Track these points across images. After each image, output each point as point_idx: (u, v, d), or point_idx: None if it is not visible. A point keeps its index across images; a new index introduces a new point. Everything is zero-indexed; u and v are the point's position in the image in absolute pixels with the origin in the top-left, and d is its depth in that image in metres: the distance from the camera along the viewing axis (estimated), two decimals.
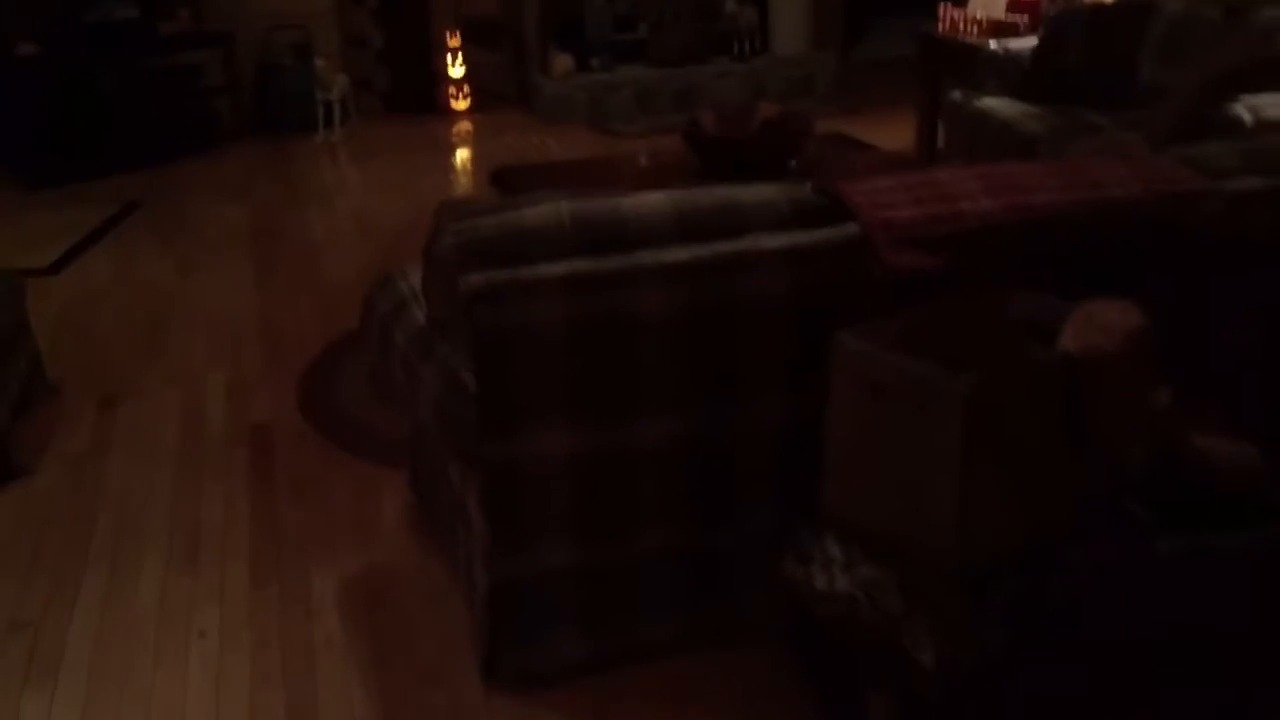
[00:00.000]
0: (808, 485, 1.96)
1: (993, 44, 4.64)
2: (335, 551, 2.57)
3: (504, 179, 3.59)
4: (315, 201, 5.41)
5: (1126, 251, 2.02)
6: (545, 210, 1.91)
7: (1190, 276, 2.05)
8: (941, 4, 5.13)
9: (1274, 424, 2.18)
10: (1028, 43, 4.57)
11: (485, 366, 1.87)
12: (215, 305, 4.13)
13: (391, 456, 2.89)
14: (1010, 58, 4.55)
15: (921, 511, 1.76)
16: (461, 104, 6.96)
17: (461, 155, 6.45)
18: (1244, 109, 3.43)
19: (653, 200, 1.95)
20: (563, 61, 6.73)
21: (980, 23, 4.94)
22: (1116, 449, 1.83)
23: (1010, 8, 4.95)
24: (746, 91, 6.95)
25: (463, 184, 5.82)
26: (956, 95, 4.62)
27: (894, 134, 5.93)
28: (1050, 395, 1.74)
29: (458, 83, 6.95)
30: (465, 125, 6.83)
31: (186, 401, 3.37)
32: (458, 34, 6.92)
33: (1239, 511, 1.89)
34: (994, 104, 4.41)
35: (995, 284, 1.94)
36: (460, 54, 6.92)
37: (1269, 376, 2.18)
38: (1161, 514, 1.84)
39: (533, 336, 1.85)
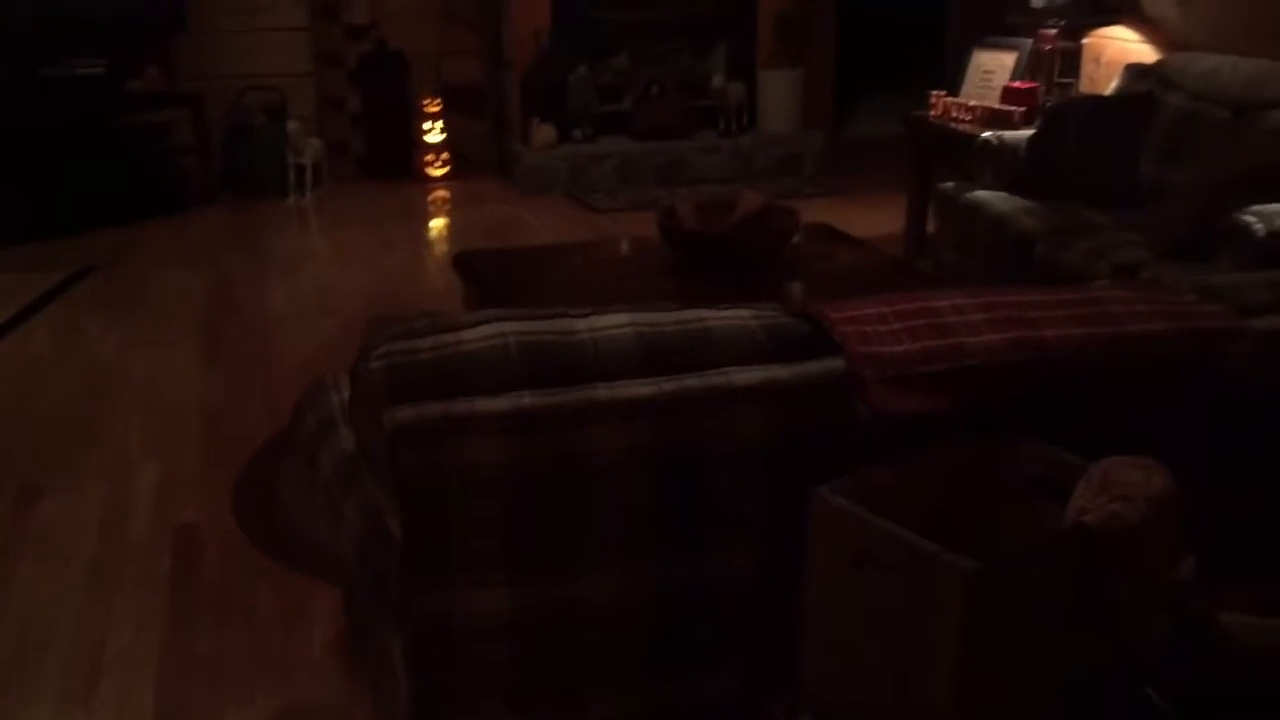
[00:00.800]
0: (782, 653, 1.72)
1: (987, 134, 4.47)
2: (254, 687, 2.30)
3: (468, 265, 3.36)
4: (278, 271, 5.18)
5: (1146, 397, 1.80)
6: (488, 334, 1.67)
7: (1217, 426, 1.82)
8: (935, 92, 4.97)
9: None
10: (1023, 134, 4.40)
11: (412, 512, 1.62)
12: (159, 386, 3.87)
13: (330, 571, 2.63)
14: (1005, 149, 4.37)
15: (912, 700, 1.51)
16: (438, 171, 6.77)
17: (435, 225, 6.24)
18: (1254, 218, 3.24)
19: (612, 324, 1.72)
20: (544, 131, 6.55)
21: (974, 111, 4.78)
22: (1135, 629, 1.59)
23: (1004, 98, 4.79)
24: (733, 168, 6.78)
25: (434, 257, 5.60)
26: (949, 186, 4.43)
27: (883, 219, 5.75)
28: (1064, 573, 1.51)
29: (435, 149, 6.76)
30: (441, 193, 6.64)
31: (113, 497, 3.10)
32: (438, 100, 6.74)
33: (1273, 700, 1.66)
34: (987, 197, 4.22)
35: (999, 432, 1.71)
36: (439, 120, 6.74)
37: None
38: (1184, 704, 1.60)
39: (469, 480, 1.60)
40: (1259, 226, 3.21)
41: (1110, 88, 4.49)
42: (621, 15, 6.77)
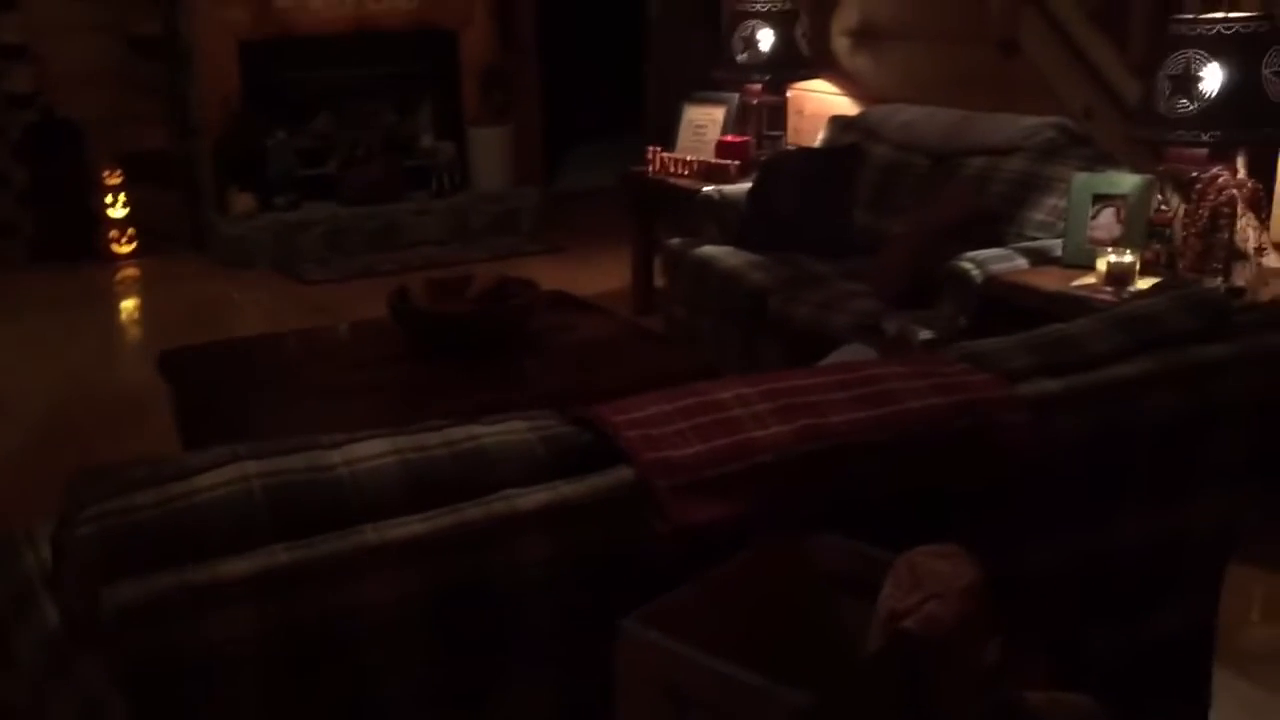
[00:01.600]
0: None
1: (708, 189, 4.50)
2: None
3: (174, 366, 3.01)
4: None
5: (935, 475, 1.76)
6: (225, 479, 1.42)
7: (998, 499, 1.80)
8: (650, 146, 4.97)
9: (1108, 662, 1.96)
10: (742, 188, 4.45)
11: (143, 706, 1.34)
12: None
13: None
14: (726, 203, 4.41)
15: None
16: (125, 248, 6.22)
17: (127, 309, 5.72)
18: (970, 264, 3.37)
19: (372, 453, 1.50)
20: (243, 200, 6.14)
21: (690, 165, 4.81)
22: None
23: (719, 152, 4.85)
24: (448, 229, 6.59)
25: (129, 347, 5.10)
26: (676, 242, 4.42)
27: (606, 275, 5.72)
28: (894, 688, 1.41)
29: (120, 224, 6.21)
30: (131, 272, 6.10)
31: None
32: (118, 170, 6.20)
33: None
34: (715, 252, 4.24)
35: (798, 530, 1.61)
36: (122, 192, 6.19)
37: (1091, 604, 1.96)
38: None
39: (214, 660, 1.35)
40: (976, 273, 3.34)
41: (818, 139, 4.62)
42: (318, 75, 6.47)
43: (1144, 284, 3.06)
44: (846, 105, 4.84)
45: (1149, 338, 2.01)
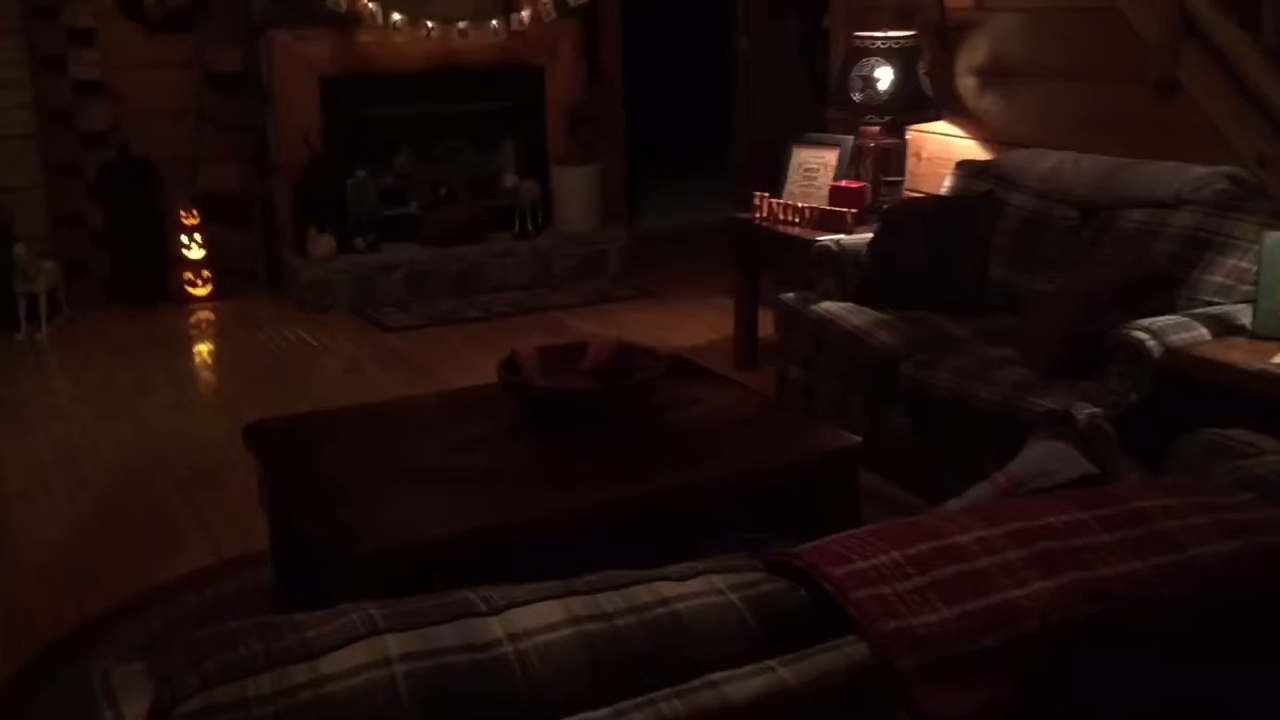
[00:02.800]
0: None
1: (824, 239, 4.16)
2: None
3: (262, 440, 2.72)
4: (8, 430, 4.31)
5: (1227, 644, 1.40)
6: (362, 661, 1.11)
7: None
8: (758, 192, 4.65)
9: None
10: (862, 239, 4.11)
11: None
12: None
13: None
14: (846, 255, 4.07)
15: None
16: (201, 290, 6.00)
17: (201, 355, 5.48)
18: (1145, 335, 2.99)
19: (543, 624, 1.18)
20: (322, 242, 5.90)
21: (803, 213, 4.47)
22: None
23: (833, 198, 4.52)
24: (532, 272, 6.30)
25: (204, 400, 4.85)
26: (790, 297, 4.08)
27: (703, 323, 5.41)
28: None
29: (196, 266, 6.00)
30: (206, 315, 5.88)
31: None
32: (194, 210, 6.00)
33: None
34: (837, 310, 3.89)
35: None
36: (198, 233, 5.99)
37: None
38: None
39: None
40: (1153, 344, 2.96)
41: (943, 186, 4.27)
42: (400, 112, 6.24)
43: None
44: (972, 149, 4.49)
45: None
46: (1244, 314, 3.10)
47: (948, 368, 3.38)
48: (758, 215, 4.61)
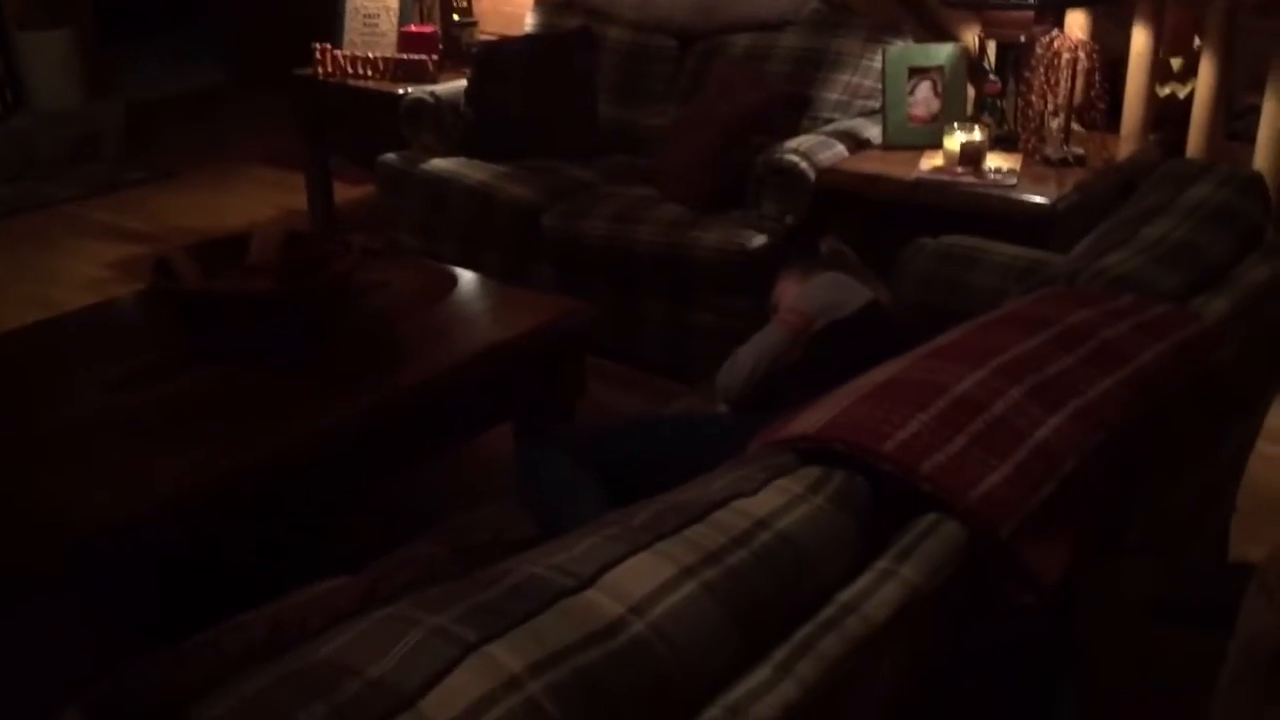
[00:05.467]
0: None
1: (413, 90, 3.80)
2: None
3: None
4: None
5: (1175, 436, 1.43)
6: (485, 693, 0.80)
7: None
8: (318, 43, 4.14)
9: None
10: (455, 87, 3.81)
11: None
12: None
13: None
14: (444, 106, 3.75)
15: None
16: None
17: None
18: (797, 157, 3.04)
19: (659, 583, 0.92)
20: None
21: (375, 64, 4.06)
22: None
23: (403, 45, 4.13)
24: (12, 163, 5.25)
25: None
26: (393, 159, 3.71)
27: (255, 200, 4.83)
28: None
29: None
30: None
31: None
32: None
33: None
34: (449, 166, 3.60)
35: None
36: None
37: None
38: None
39: None
40: (805, 166, 3.02)
41: (528, 25, 4.05)
42: None
43: (998, 161, 2.90)
44: None
45: (1241, 229, 1.79)
46: (867, 127, 3.25)
47: (598, 214, 3.25)
48: (321, 71, 4.12)
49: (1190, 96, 3.12)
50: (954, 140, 2.88)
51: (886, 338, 2.01)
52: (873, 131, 3.22)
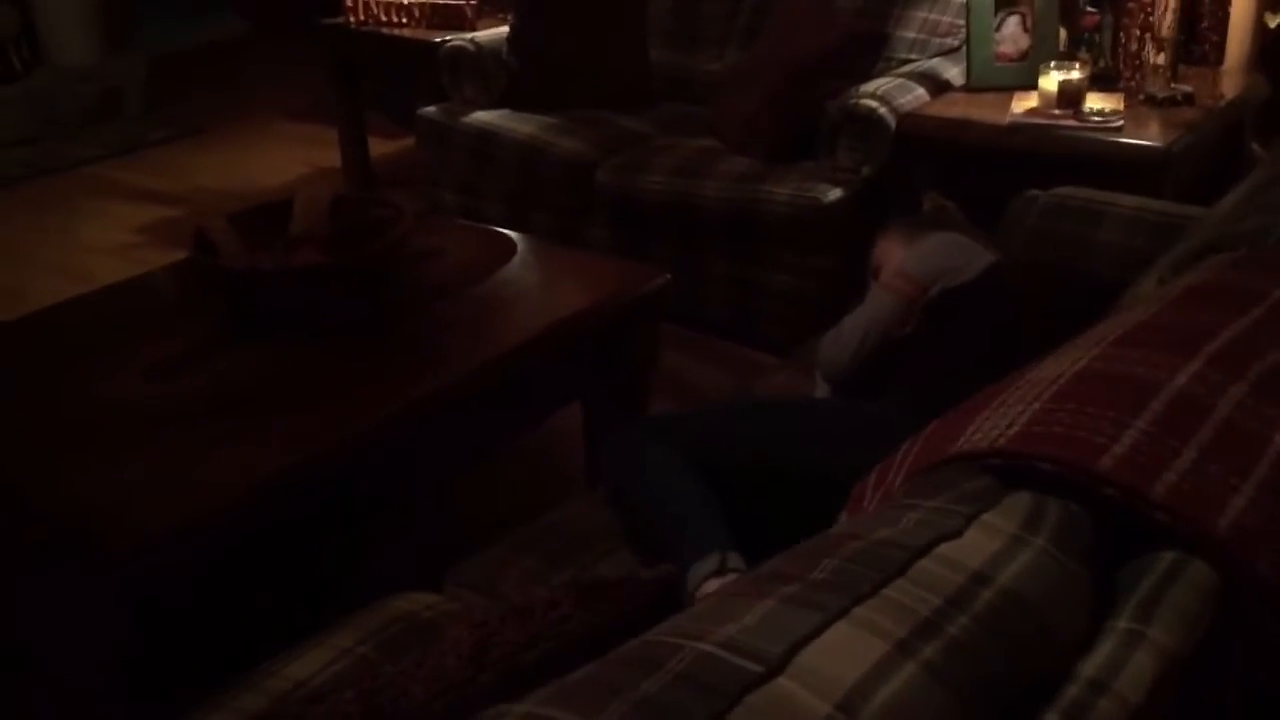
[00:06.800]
0: None
1: (457, 39, 3.57)
2: None
3: None
4: None
5: None
6: None
7: None
8: None
9: None
10: (497, 34, 3.57)
11: None
12: None
13: None
14: (485, 55, 3.52)
15: None
16: None
17: None
18: (875, 102, 2.80)
19: (868, 667, 0.72)
20: None
21: (411, 11, 3.82)
22: None
23: None
24: (31, 123, 5.06)
25: None
26: (434, 112, 3.49)
27: (288, 158, 4.62)
28: None
29: None
30: None
31: None
32: None
33: None
34: (493, 119, 3.38)
35: None
36: None
37: None
38: None
39: None
40: (884, 112, 2.78)
41: None
42: None
43: (1098, 102, 2.65)
44: None
45: None
46: (947, 68, 3.00)
47: (657, 168, 3.02)
48: (353, 19, 3.88)
49: None
50: (1051, 80, 2.63)
51: (1011, 307, 1.80)
52: (953, 72, 2.98)
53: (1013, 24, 2.86)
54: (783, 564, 0.86)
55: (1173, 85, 2.67)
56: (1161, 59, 2.68)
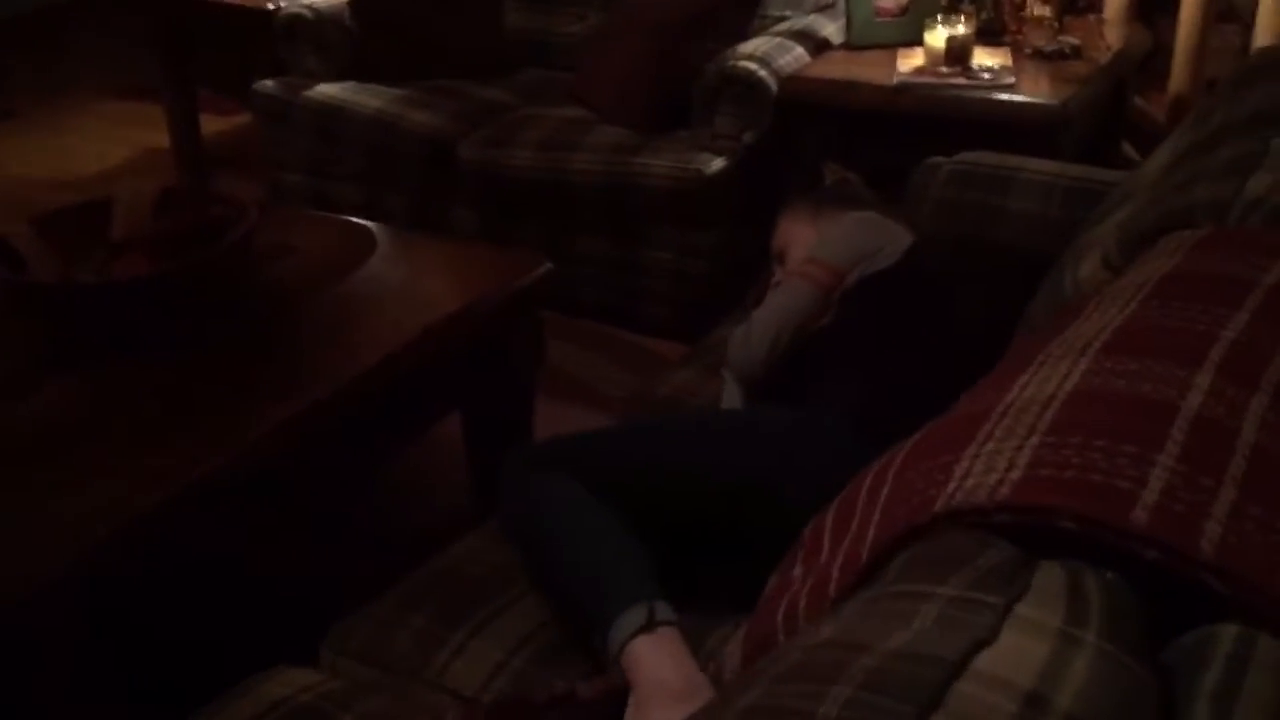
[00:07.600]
0: None
1: (288, 5, 3.26)
2: None
3: None
4: None
5: None
6: None
7: None
8: None
9: None
10: (336, 1, 3.27)
11: None
12: None
13: None
14: (327, 23, 3.21)
15: None
16: None
17: None
18: (754, 64, 2.63)
19: None
20: None
21: None
22: None
23: None
24: None
25: None
26: (271, 86, 3.18)
27: (109, 141, 4.21)
28: None
29: None
30: None
31: None
32: None
33: None
34: (338, 93, 3.10)
35: None
36: None
37: None
38: None
39: None
40: (764, 74, 2.60)
41: None
42: None
43: (985, 58, 2.52)
44: None
45: None
46: (823, 25, 2.84)
47: (522, 142, 2.79)
48: None
49: None
50: (938, 35, 2.49)
51: (934, 290, 1.65)
52: (830, 29, 2.82)
53: None
54: (777, 697, 0.67)
55: (1060, 38, 2.56)
56: (1047, 10, 2.57)
